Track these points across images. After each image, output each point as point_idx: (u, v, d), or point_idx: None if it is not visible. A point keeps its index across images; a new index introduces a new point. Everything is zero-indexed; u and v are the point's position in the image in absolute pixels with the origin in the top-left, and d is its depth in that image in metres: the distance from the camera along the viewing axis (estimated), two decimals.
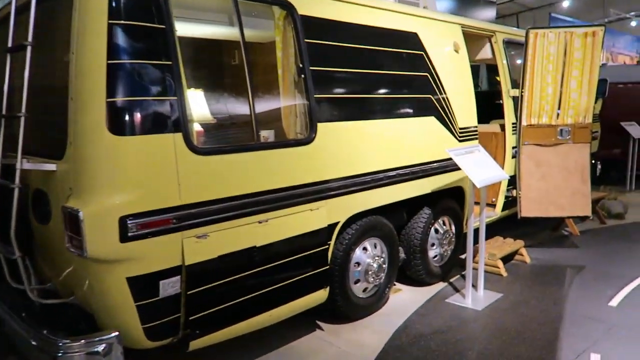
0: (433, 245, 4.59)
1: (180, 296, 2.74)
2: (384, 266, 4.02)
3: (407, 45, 4.15)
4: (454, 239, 4.79)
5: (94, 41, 2.47)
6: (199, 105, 3.34)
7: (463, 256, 4.44)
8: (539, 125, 5.26)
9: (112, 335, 2.52)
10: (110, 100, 2.47)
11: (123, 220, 2.47)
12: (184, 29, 2.96)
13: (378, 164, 3.82)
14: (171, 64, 2.64)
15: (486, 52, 5.53)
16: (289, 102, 3.42)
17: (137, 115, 2.52)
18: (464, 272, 4.30)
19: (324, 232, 3.43)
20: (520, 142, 5.29)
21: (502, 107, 5.51)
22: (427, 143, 4.31)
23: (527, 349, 3.41)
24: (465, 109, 4.73)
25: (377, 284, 3.98)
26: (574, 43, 5.06)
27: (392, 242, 4.12)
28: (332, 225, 3.52)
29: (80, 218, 2.40)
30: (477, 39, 5.39)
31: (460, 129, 4.65)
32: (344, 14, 3.65)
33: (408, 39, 4.17)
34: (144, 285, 2.61)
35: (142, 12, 2.57)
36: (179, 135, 2.65)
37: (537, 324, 3.77)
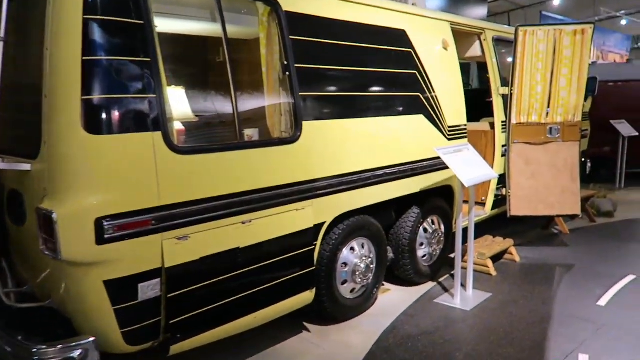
0: (422, 244, 4.54)
1: (160, 299, 2.67)
2: (371, 266, 3.97)
3: (395, 42, 4.09)
4: (443, 239, 4.75)
5: (69, 37, 2.39)
6: (179, 103, 3.26)
7: (452, 255, 4.40)
8: (529, 124, 5.24)
9: (88, 340, 2.46)
10: (85, 98, 2.39)
11: (99, 222, 2.39)
12: (164, 25, 2.88)
13: (365, 162, 3.76)
14: (150, 60, 2.57)
15: (475, 50, 5.48)
16: (274, 100, 3.35)
17: (114, 114, 2.44)
18: (453, 272, 4.26)
19: (310, 233, 3.37)
20: (509, 141, 5.26)
21: (492, 105, 5.48)
22: (416, 142, 4.26)
23: (515, 350, 3.38)
24: (454, 107, 4.68)
25: (364, 284, 3.93)
26: (563, 41, 5.04)
27: (380, 242, 4.06)
28: (319, 226, 3.46)
29: (54, 219, 2.32)
30: (467, 36, 5.35)
31: (449, 127, 4.61)
32: (329, 10, 3.59)
33: (396, 36, 4.11)
34: (122, 288, 2.53)
35: (119, 7, 2.49)
36: (158, 134, 2.57)
37: (525, 324, 3.73)
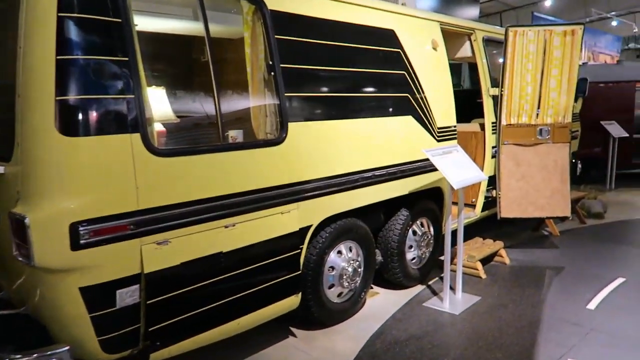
0: (411, 247, 4.49)
1: (139, 306, 2.60)
2: (359, 270, 3.91)
3: (383, 42, 4.03)
4: (432, 241, 4.70)
5: (42, 35, 2.31)
6: (160, 104, 3.17)
7: (442, 258, 4.35)
8: (519, 125, 5.20)
9: (63, 349, 2.38)
10: (59, 98, 2.31)
11: (74, 227, 2.31)
12: (144, 23, 2.81)
13: (353, 164, 3.70)
14: (128, 60, 2.49)
15: (466, 51, 5.44)
16: (258, 101, 3.28)
17: (89, 115, 2.36)
18: (443, 275, 4.21)
19: (295, 236, 3.31)
20: (500, 142, 5.22)
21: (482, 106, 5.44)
22: (404, 143, 4.21)
23: (504, 355, 3.33)
24: (443, 108, 4.63)
25: (352, 288, 3.87)
26: (553, 41, 5.01)
27: (369, 245, 4.01)
28: (305, 229, 3.40)
29: (27, 224, 2.24)
30: (457, 36, 5.30)
31: (439, 128, 4.56)
32: (316, 9, 3.52)
33: (384, 36, 4.06)
34: (98, 295, 2.46)
35: (95, 5, 2.41)
36: (136, 136, 2.50)
37: (514, 329, 3.69)
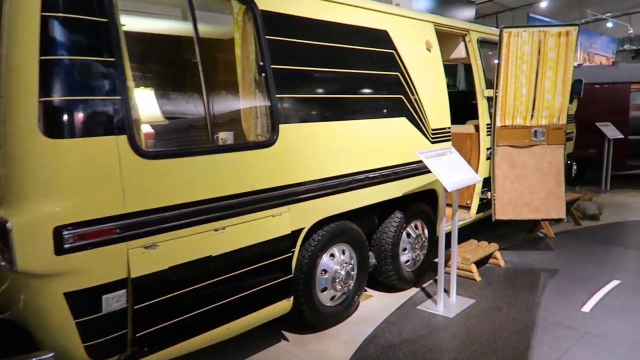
0: (405, 249, 4.45)
1: (126, 311, 2.54)
2: (352, 273, 3.87)
3: (376, 43, 4.00)
4: (426, 244, 4.66)
5: (25, 35, 2.26)
6: (148, 105, 3.12)
7: (437, 260, 4.31)
8: (513, 127, 5.17)
9: (48, 355, 2.34)
10: (43, 100, 2.26)
11: (58, 231, 2.26)
12: (132, 23, 2.76)
13: (345, 166, 3.66)
14: (114, 60, 2.44)
15: (460, 52, 5.41)
16: (249, 102, 3.24)
17: (74, 117, 2.31)
18: (437, 277, 4.17)
19: (287, 239, 3.27)
20: (494, 144, 5.20)
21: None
22: (398, 145, 4.17)
23: (497, 358, 3.29)
24: (438, 109, 4.60)
25: (345, 291, 3.83)
26: (547, 42, 4.98)
27: (362, 248, 3.96)
28: (297, 232, 3.35)
29: (9, 228, 2.19)
30: (451, 37, 5.27)
31: (433, 130, 4.53)
32: (308, 9, 3.48)
33: (377, 37, 4.02)
34: (84, 300, 2.40)
35: (80, 4, 2.36)
36: (123, 138, 2.45)
37: (508, 332, 3.66)
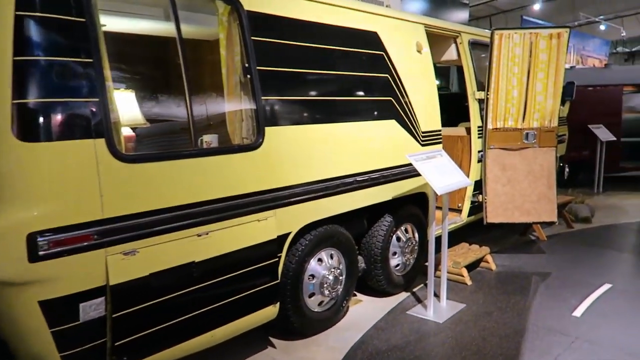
0: (395, 254, 4.40)
1: (105, 319, 2.47)
2: (341, 278, 3.81)
3: (365, 45, 3.95)
4: (417, 247, 4.61)
5: None
6: (128, 107, 3.05)
7: (427, 264, 4.25)
8: (505, 129, 5.14)
9: None
10: (16, 102, 2.18)
11: (32, 238, 2.19)
12: (112, 23, 2.69)
13: (333, 170, 3.60)
14: (92, 61, 2.37)
15: (452, 54, 5.37)
16: (234, 105, 3.17)
17: (49, 119, 2.24)
18: (428, 281, 4.12)
19: (273, 244, 3.20)
20: (485, 146, 5.16)
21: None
22: (388, 148, 4.12)
23: None
24: (428, 111, 4.55)
25: (333, 296, 3.76)
26: (539, 45, 4.95)
27: (350, 252, 3.91)
28: (283, 237, 3.29)
29: None
30: (442, 39, 5.23)
31: (423, 132, 4.48)
32: (295, 10, 3.42)
33: (367, 38, 3.97)
34: (60, 309, 2.33)
35: (56, 4, 2.29)
36: (100, 141, 2.38)
37: (499, 338, 3.60)
